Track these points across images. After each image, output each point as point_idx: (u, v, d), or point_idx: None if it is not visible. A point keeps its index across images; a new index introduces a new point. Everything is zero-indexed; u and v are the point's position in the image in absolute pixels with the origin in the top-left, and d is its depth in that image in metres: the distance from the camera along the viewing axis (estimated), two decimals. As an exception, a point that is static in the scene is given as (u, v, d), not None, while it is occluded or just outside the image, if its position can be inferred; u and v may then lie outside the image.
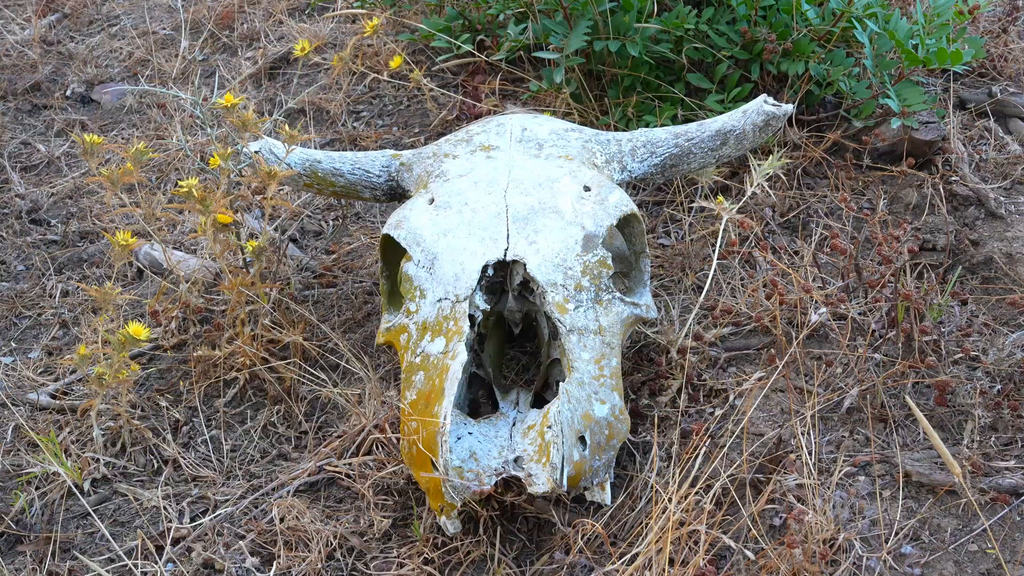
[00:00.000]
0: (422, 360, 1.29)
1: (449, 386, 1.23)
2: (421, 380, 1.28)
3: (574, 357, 1.28)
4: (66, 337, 1.68)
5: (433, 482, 1.22)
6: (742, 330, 1.56)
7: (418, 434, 1.24)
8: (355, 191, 1.57)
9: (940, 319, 1.50)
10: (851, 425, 1.38)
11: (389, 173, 1.56)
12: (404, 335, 1.35)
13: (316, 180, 1.54)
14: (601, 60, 1.92)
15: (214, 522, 1.35)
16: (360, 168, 1.56)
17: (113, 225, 1.90)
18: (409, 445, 1.26)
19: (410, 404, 1.27)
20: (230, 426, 1.51)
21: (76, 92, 2.34)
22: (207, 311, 1.66)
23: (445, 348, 1.28)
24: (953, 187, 1.76)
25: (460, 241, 1.36)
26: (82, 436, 1.48)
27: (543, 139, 1.51)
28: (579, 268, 1.34)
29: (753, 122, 1.53)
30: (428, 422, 1.22)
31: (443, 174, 1.47)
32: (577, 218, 1.38)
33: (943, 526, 1.25)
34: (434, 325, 1.31)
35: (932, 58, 1.74)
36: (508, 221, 1.37)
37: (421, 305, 1.35)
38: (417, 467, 1.25)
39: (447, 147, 1.53)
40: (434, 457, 1.20)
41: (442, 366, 1.26)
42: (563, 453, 1.20)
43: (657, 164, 1.55)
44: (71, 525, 1.38)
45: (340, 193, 1.57)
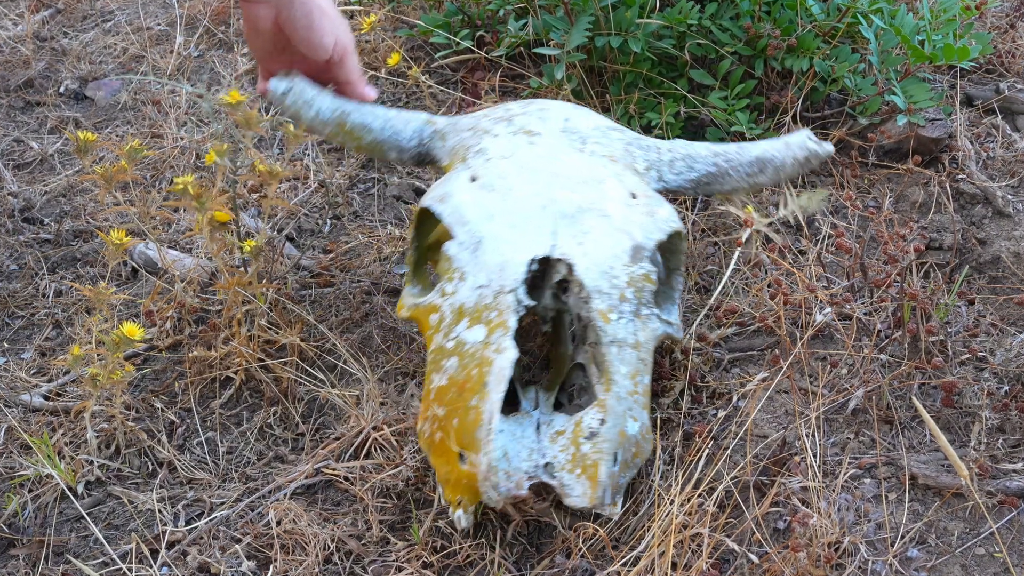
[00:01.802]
0: (456, 346, 1.27)
1: (495, 382, 1.21)
2: (454, 367, 1.25)
3: (613, 370, 1.26)
4: (59, 337, 1.68)
5: (457, 474, 1.21)
6: (746, 330, 1.56)
7: (446, 422, 1.22)
8: (381, 150, 1.50)
9: (947, 319, 1.50)
10: (856, 427, 1.38)
11: (421, 138, 1.50)
12: (435, 315, 1.32)
13: (343, 132, 1.46)
14: (603, 56, 1.92)
15: (210, 525, 1.35)
16: (391, 127, 1.49)
17: (107, 224, 1.90)
18: (432, 431, 1.24)
19: (438, 389, 1.25)
20: (226, 428, 1.51)
21: (70, 89, 2.34)
22: (203, 311, 1.66)
23: (486, 339, 1.25)
24: (960, 185, 1.76)
25: (505, 229, 1.33)
26: (75, 438, 1.48)
27: (586, 134, 1.47)
28: (625, 278, 1.31)
29: (795, 156, 1.49)
30: (465, 413, 1.21)
31: (483, 152, 1.43)
32: (626, 226, 1.35)
33: (950, 529, 1.25)
34: (472, 312, 1.28)
35: (939, 54, 1.74)
36: (555, 216, 1.34)
37: (459, 288, 1.31)
38: (438, 456, 1.24)
39: (486, 123, 1.49)
40: (474, 453, 1.19)
41: (482, 357, 1.24)
42: (610, 470, 1.20)
43: (693, 180, 1.51)
44: (64, 528, 1.38)
45: (364, 149, 1.50)
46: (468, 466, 1.21)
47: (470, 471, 1.20)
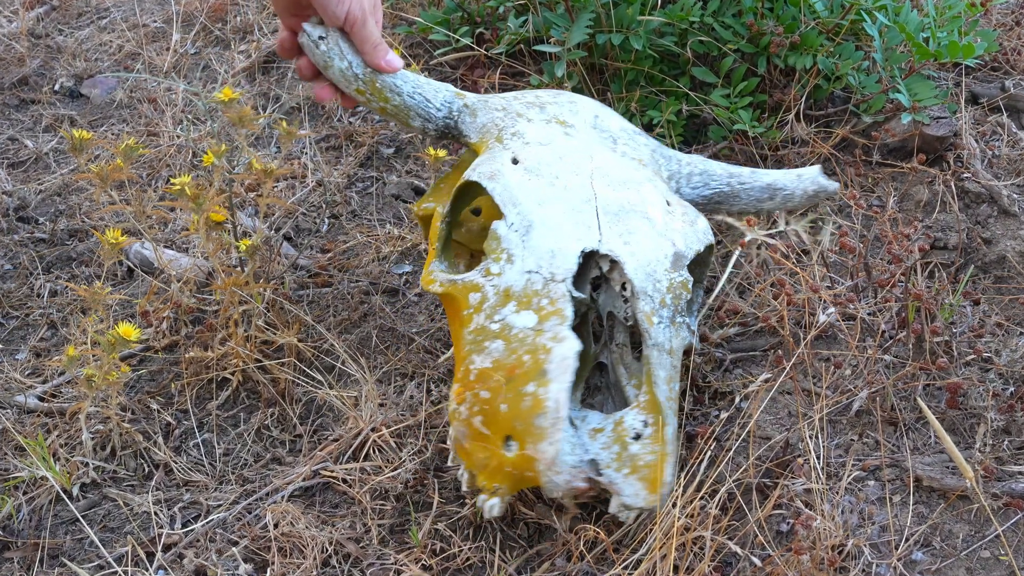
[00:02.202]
0: (502, 328, 1.26)
1: (558, 371, 1.20)
2: (500, 350, 1.24)
3: (655, 373, 1.26)
4: (54, 338, 1.68)
5: (499, 460, 1.20)
6: (748, 331, 1.56)
7: (491, 406, 1.21)
8: (406, 115, 1.46)
9: (952, 319, 1.50)
10: (860, 428, 1.38)
11: (450, 110, 1.47)
12: (475, 294, 1.30)
13: (371, 89, 1.41)
14: (604, 54, 1.92)
15: (206, 528, 1.35)
16: (420, 94, 1.46)
17: (103, 223, 1.90)
18: (470, 414, 1.23)
19: (481, 371, 1.24)
20: (223, 429, 1.51)
21: (65, 86, 2.34)
22: (199, 311, 1.66)
23: (538, 326, 1.24)
24: (965, 184, 1.75)
25: (556, 217, 1.32)
26: (71, 440, 1.48)
27: (616, 134, 1.48)
28: (666, 284, 1.31)
29: (805, 188, 1.53)
30: (517, 399, 1.20)
31: (519, 135, 1.42)
32: (668, 232, 1.35)
33: (955, 532, 1.25)
34: (521, 296, 1.27)
35: (943, 51, 1.74)
36: (599, 211, 1.33)
37: (506, 270, 1.30)
38: (476, 440, 1.22)
39: (518, 106, 1.48)
40: (534, 441, 1.18)
41: (535, 344, 1.23)
42: (674, 471, 1.20)
43: (706, 196, 1.53)
44: (59, 531, 1.38)
45: (389, 113, 1.45)
46: (516, 453, 1.19)
47: (519, 458, 1.19)
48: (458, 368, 1.28)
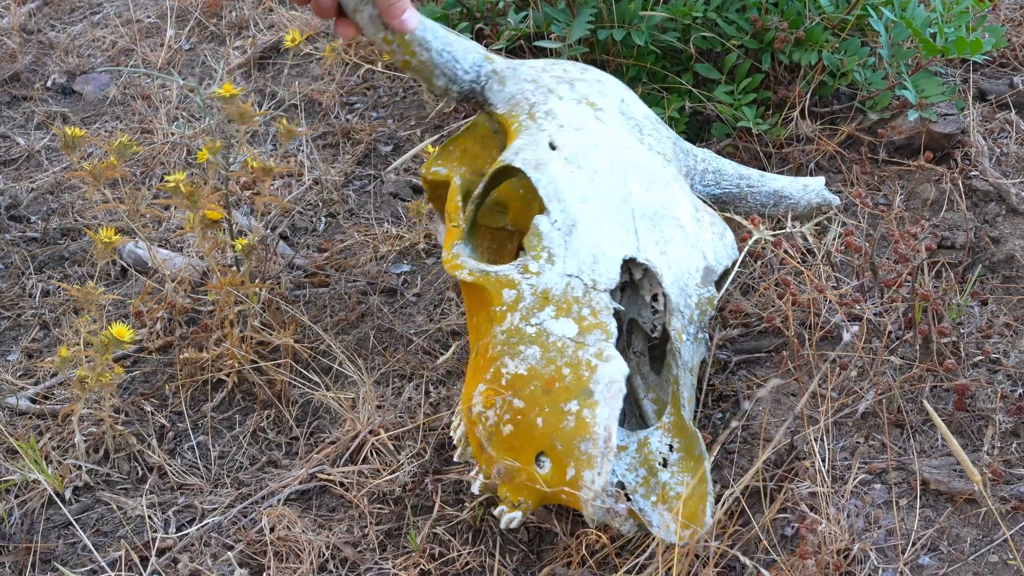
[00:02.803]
0: (538, 334, 1.22)
1: (607, 395, 1.17)
2: (536, 357, 1.21)
3: (681, 394, 1.25)
4: (47, 339, 1.68)
5: (529, 475, 1.17)
6: (753, 331, 1.55)
7: (526, 418, 1.18)
8: (431, 73, 1.39)
9: (959, 320, 1.50)
10: (866, 431, 1.38)
11: (479, 74, 1.42)
12: (510, 291, 1.26)
13: (399, 40, 1.35)
14: (605, 50, 1.92)
15: (201, 532, 1.35)
16: (450, 52, 1.39)
17: (96, 222, 1.90)
18: (499, 421, 1.20)
19: (515, 377, 1.21)
20: (218, 432, 1.51)
21: (57, 83, 2.34)
22: (194, 311, 1.66)
23: (579, 338, 1.21)
24: (973, 182, 1.75)
25: (597, 217, 1.29)
26: (63, 442, 1.48)
27: (641, 122, 1.44)
28: (695, 299, 1.30)
29: (809, 199, 1.56)
30: (557, 416, 1.17)
31: (553, 115, 1.37)
32: (699, 243, 1.33)
33: (962, 536, 1.25)
34: (560, 301, 1.24)
35: (951, 47, 1.74)
36: (635, 213, 1.30)
37: (545, 270, 1.26)
38: (503, 449, 1.19)
39: (548, 80, 1.43)
40: (580, 466, 1.15)
41: (577, 358, 1.20)
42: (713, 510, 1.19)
43: (715, 195, 1.52)
44: (52, 535, 1.38)
45: (414, 68, 1.39)
46: (551, 472, 1.17)
47: (553, 477, 1.17)
48: (480, 364, 1.24)
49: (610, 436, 1.16)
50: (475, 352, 1.28)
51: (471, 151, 1.47)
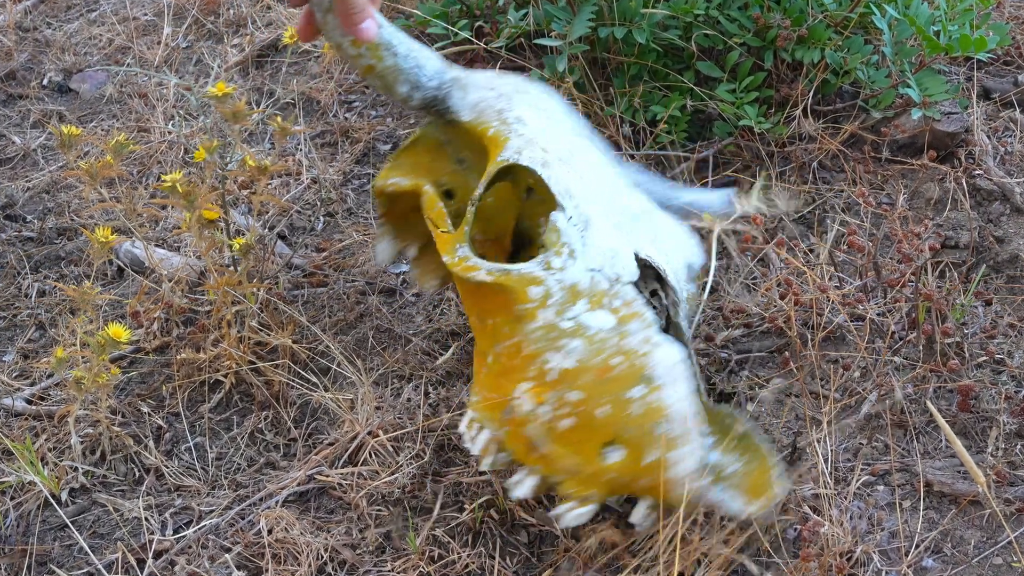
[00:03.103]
0: (577, 328, 1.22)
1: (671, 377, 1.18)
2: (580, 350, 1.20)
3: (698, 381, 1.26)
4: (43, 339, 1.68)
5: (595, 467, 1.17)
6: (755, 331, 1.55)
7: (586, 409, 1.18)
8: (394, 80, 1.37)
9: (963, 320, 1.49)
10: (869, 432, 1.38)
11: (441, 81, 1.40)
12: (536, 288, 1.25)
13: (370, 46, 1.33)
14: (606, 47, 1.92)
15: (198, 534, 1.35)
16: (414, 58, 1.37)
17: (92, 221, 1.90)
18: (555, 416, 1.19)
19: (564, 372, 1.20)
20: (215, 433, 1.51)
21: (53, 81, 2.34)
22: (191, 312, 1.66)
23: (619, 328, 1.22)
24: (977, 181, 1.75)
25: (602, 216, 1.30)
26: (59, 443, 1.48)
27: (587, 131, 1.44)
28: (685, 295, 1.31)
29: (718, 208, 1.50)
30: (620, 404, 1.17)
31: (523, 121, 1.37)
32: (677, 241, 1.35)
33: (966, 538, 1.25)
34: (589, 294, 1.24)
35: (955, 45, 1.74)
36: (625, 214, 1.33)
37: (568, 265, 1.26)
38: (564, 444, 1.19)
39: (504, 87, 1.43)
40: (666, 450, 1.16)
41: (623, 347, 1.20)
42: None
43: None
44: (48, 537, 1.38)
45: (376, 72, 1.37)
46: (621, 461, 1.17)
47: (624, 466, 1.17)
48: (515, 364, 1.23)
49: (686, 415, 1.17)
50: (492, 356, 1.26)
51: (422, 163, 1.45)
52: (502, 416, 1.23)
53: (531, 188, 1.41)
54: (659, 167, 1.86)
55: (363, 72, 1.37)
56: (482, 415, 1.26)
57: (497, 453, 1.25)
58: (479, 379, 1.29)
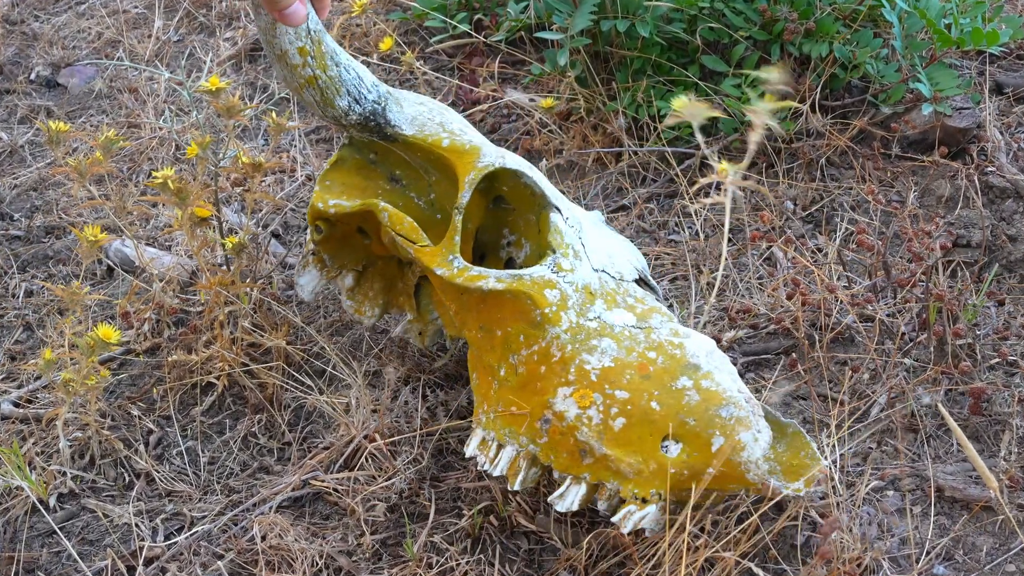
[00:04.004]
0: (602, 327, 1.23)
1: (715, 362, 1.20)
2: (614, 348, 1.21)
3: None
4: (30, 340, 1.68)
5: (658, 463, 1.16)
6: (761, 332, 1.56)
7: (638, 407, 1.18)
8: (335, 92, 1.33)
9: (975, 321, 1.50)
10: (879, 436, 1.38)
11: (379, 94, 1.39)
12: (553, 291, 1.25)
13: (317, 52, 1.30)
14: (609, 41, 1.92)
15: (190, 540, 1.35)
16: (355, 70, 1.36)
17: (81, 219, 1.90)
18: (605, 418, 1.18)
19: (604, 371, 1.20)
20: (207, 437, 1.51)
21: (41, 75, 2.34)
22: (183, 312, 1.66)
23: (642, 324, 1.24)
24: (989, 178, 1.75)
25: (584, 220, 1.35)
26: (47, 447, 1.48)
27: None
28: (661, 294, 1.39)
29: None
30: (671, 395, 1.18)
31: (467, 132, 1.39)
32: (626, 247, 1.39)
33: (978, 545, 1.25)
34: (603, 294, 1.26)
35: (966, 39, 1.74)
36: (586, 220, 1.39)
37: (577, 266, 1.27)
38: (622, 445, 1.18)
39: (429, 102, 1.44)
40: (733, 432, 1.15)
41: (655, 341, 1.22)
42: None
43: None
44: (35, 543, 1.38)
45: (320, 83, 1.33)
46: (683, 454, 1.16)
47: (692, 454, 1.16)
48: (552, 368, 1.22)
49: (744, 393, 1.17)
50: (505, 368, 1.25)
51: (354, 183, 1.43)
52: (536, 427, 1.21)
53: (499, 197, 1.40)
54: (663, 163, 1.86)
55: (302, 86, 1.33)
56: (502, 432, 1.24)
57: (529, 469, 1.23)
58: (488, 395, 1.27)
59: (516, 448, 1.23)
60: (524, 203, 1.38)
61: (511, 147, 1.96)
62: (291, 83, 1.33)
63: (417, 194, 1.44)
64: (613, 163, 1.89)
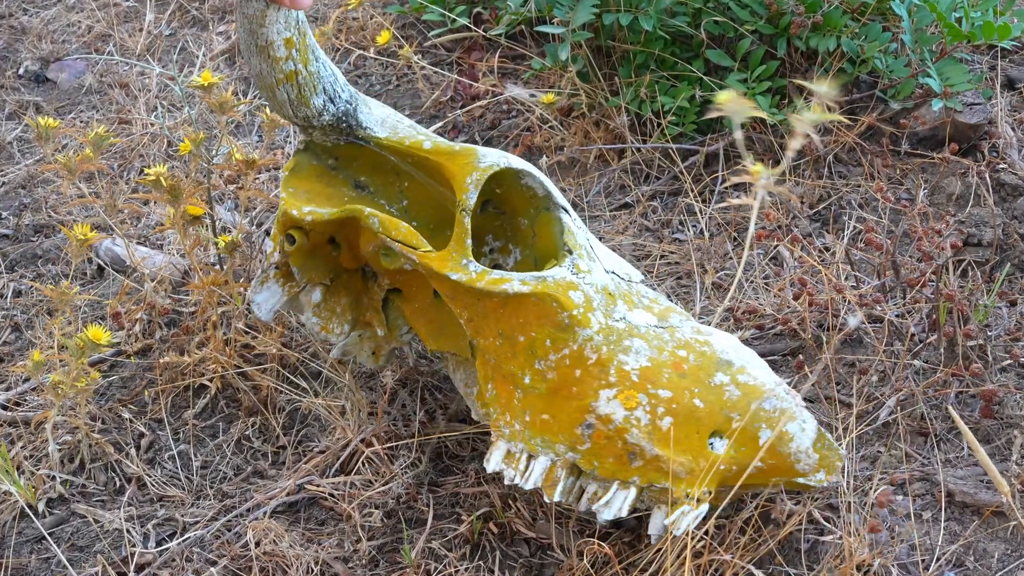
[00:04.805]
0: (629, 328, 1.23)
1: (745, 357, 1.23)
2: (646, 349, 1.21)
3: None
4: (19, 342, 1.68)
5: (709, 459, 1.17)
6: (767, 333, 1.56)
7: (683, 405, 1.18)
8: (312, 89, 1.31)
9: (986, 322, 1.50)
10: (888, 439, 1.38)
11: (351, 93, 1.37)
12: (577, 293, 1.23)
13: (302, 44, 1.28)
14: (611, 35, 1.92)
15: (182, 546, 1.35)
16: (331, 67, 1.35)
17: (71, 218, 1.90)
18: (652, 418, 1.18)
19: (644, 371, 1.20)
20: (200, 440, 1.51)
21: (30, 70, 2.34)
22: (175, 313, 1.66)
23: (665, 324, 1.25)
24: (1001, 175, 1.76)
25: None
26: (36, 451, 1.48)
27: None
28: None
29: None
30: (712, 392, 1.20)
31: (434, 136, 1.39)
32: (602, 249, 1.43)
33: (990, 551, 1.25)
34: (620, 295, 1.27)
35: (977, 32, 1.74)
36: None
37: (593, 268, 1.27)
38: (669, 445, 1.17)
39: (393, 111, 1.44)
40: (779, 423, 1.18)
41: (682, 340, 1.23)
42: None
43: None
44: (24, 550, 1.38)
45: (299, 80, 1.30)
46: (731, 448, 1.17)
47: (739, 448, 1.17)
48: (589, 372, 1.21)
49: (783, 386, 1.20)
50: (530, 376, 1.23)
51: (318, 191, 1.39)
52: (577, 433, 1.20)
53: (488, 200, 1.39)
54: (667, 160, 1.86)
55: (280, 82, 1.30)
56: (533, 442, 1.22)
57: (568, 478, 1.22)
58: (511, 405, 1.24)
59: (551, 457, 1.21)
60: (518, 206, 1.36)
61: (511, 144, 1.97)
62: (267, 79, 1.30)
63: (388, 201, 1.40)
64: (615, 160, 1.89)
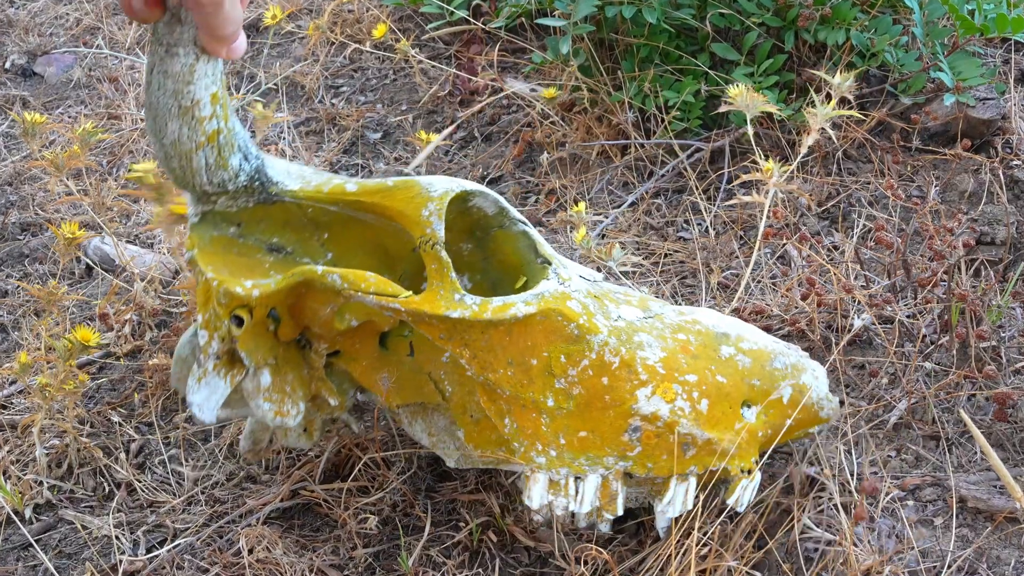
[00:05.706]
0: (628, 324, 1.26)
1: (736, 325, 1.30)
2: (651, 341, 1.24)
3: None
4: (5, 343, 1.69)
5: (748, 430, 1.23)
6: (775, 334, 1.56)
7: (711, 387, 1.23)
8: (230, 149, 1.21)
9: (1000, 323, 1.50)
10: (899, 443, 1.38)
11: (256, 146, 1.28)
12: (573, 302, 1.23)
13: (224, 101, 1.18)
14: (614, 28, 1.92)
15: (173, 553, 1.35)
16: (240, 126, 1.25)
17: (58, 216, 1.90)
18: (693, 405, 1.21)
19: (665, 361, 1.23)
20: (191, 445, 1.51)
21: (16, 64, 2.34)
22: (165, 313, 1.66)
23: (651, 313, 1.30)
24: (1014, 172, 1.76)
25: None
26: (23, 456, 1.48)
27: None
28: None
29: None
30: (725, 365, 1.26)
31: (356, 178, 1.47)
32: None
33: (1003, 558, 1.25)
34: (601, 294, 1.30)
35: (990, 26, 1.74)
36: None
37: (571, 275, 1.30)
38: (713, 425, 1.21)
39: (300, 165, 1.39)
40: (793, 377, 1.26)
41: (673, 324, 1.28)
42: None
43: None
44: (10, 557, 1.38)
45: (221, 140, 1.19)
46: (762, 413, 1.25)
47: (769, 411, 1.25)
48: (609, 382, 1.21)
49: (782, 344, 1.29)
50: (552, 398, 1.22)
51: (237, 263, 1.28)
52: (624, 440, 1.21)
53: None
54: (671, 156, 1.86)
55: (200, 145, 1.18)
56: (576, 463, 1.22)
57: (624, 487, 1.24)
58: (540, 433, 1.23)
59: (602, 472, 1.22)
60: (459, 232, 1.32)
61: (511, 140, 1.97)
62: (186, 146, 1.18)
63: (311, 257, 1.32)
64: (618, 156, 1.90)
